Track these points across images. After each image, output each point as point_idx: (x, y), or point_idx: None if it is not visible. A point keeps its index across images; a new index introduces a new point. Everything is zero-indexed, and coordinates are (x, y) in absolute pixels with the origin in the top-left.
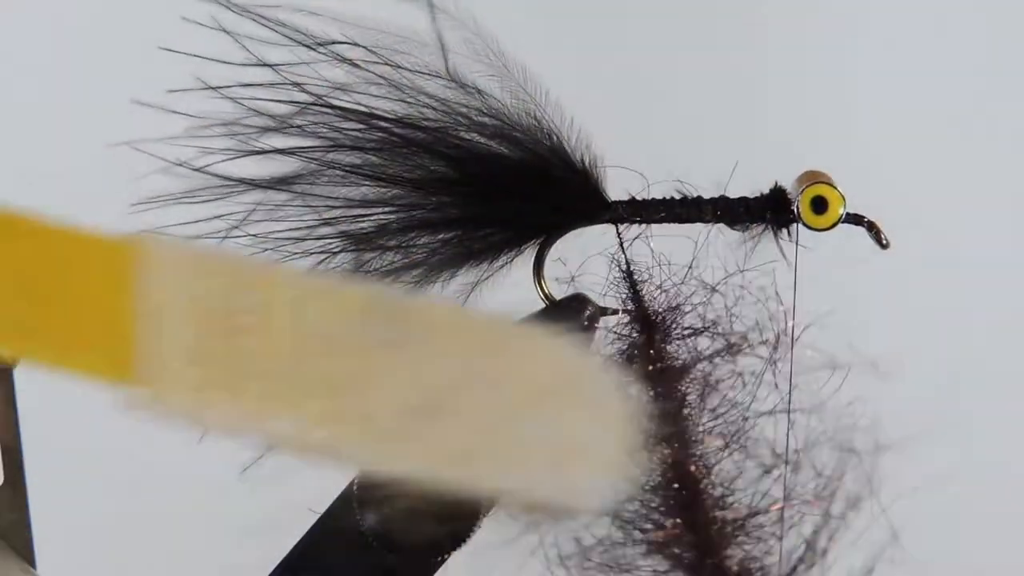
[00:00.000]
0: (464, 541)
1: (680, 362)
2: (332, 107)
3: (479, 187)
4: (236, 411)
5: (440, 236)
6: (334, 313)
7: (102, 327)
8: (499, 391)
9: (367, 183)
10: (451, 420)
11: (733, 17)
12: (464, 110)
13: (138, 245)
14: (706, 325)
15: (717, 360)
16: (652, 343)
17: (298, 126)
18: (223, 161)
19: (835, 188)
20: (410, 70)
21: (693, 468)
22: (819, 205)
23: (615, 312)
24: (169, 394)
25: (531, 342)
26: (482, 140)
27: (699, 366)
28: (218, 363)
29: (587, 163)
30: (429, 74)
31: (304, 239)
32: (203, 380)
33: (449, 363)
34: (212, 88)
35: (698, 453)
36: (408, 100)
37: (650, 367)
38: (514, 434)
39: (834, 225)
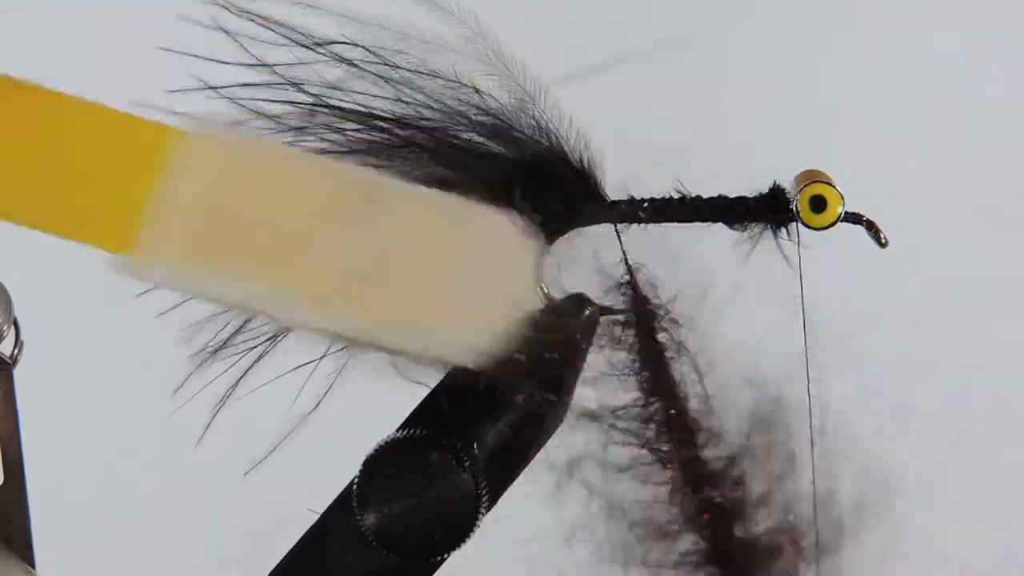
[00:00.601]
0: (463, 541)
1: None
2: (329, 107)
3: (477, 187)
4: (213, 279)
5: None
6: (317, 192)
7: (117, 203)
8: (433, 263)
9: None
10: (385, 284)
11: (734, 15)
12: (462, 110)
13: (178, 133)
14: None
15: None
16: (652, 341)
17: (296, 127)
18: None
19: (834, 187)
20: (408, 70)
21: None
22: (818, 204)
23: (615, 311)
24: (158, 263)
25: (480, 228)
26: (480, 139)
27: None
28: (208, 236)
29: (586, 162)
30: (427, 73)
31: None
32: (191, 251)
33: (401, 239)
34: (211, 88)
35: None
36: (406, 100)
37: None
38: (434, 297)
39: (833, 224)
